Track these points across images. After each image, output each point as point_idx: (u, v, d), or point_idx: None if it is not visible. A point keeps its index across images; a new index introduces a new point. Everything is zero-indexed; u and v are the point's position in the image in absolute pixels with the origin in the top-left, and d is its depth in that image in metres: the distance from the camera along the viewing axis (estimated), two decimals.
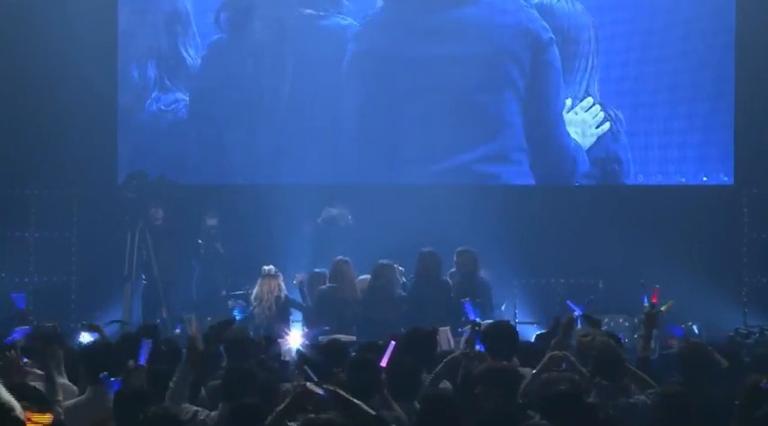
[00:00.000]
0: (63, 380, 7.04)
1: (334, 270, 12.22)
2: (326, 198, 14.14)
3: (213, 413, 6.63)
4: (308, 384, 6.05)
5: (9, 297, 11.55)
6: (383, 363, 6.81)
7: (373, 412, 5.95)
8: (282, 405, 6.04)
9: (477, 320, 8.52)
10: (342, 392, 5.99)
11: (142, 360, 6.94)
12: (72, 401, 6.66)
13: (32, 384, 6.77)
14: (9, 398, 4.67)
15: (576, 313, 8.80)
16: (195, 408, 6.61)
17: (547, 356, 7.45)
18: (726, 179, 14.29)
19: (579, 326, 8.45)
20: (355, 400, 5.96)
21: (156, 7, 14.93)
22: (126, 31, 14.83)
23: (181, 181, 14.37)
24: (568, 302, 9.44)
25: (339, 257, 12.26)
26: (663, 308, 8.26)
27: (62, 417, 6.27)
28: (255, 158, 14.83)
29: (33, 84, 14.41)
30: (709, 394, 7.00)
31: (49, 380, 6.59)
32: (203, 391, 7.34)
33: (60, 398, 6.53)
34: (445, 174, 14.40)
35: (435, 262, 12.02)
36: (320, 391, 5.98)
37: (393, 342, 7.09)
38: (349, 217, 13.78)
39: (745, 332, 12.29)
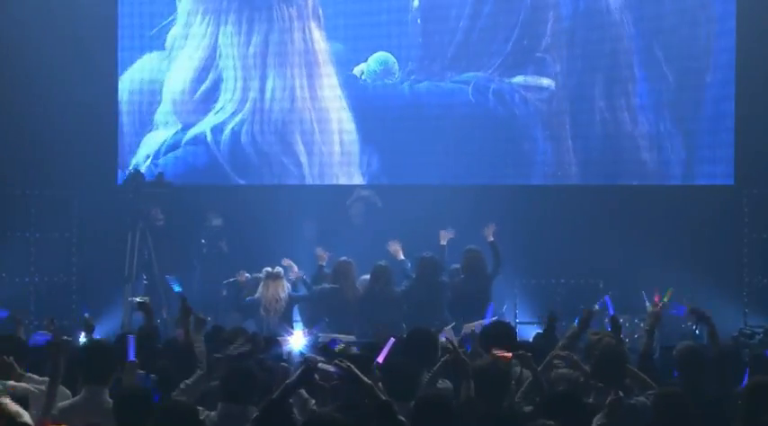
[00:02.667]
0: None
1: (336, 270, 12.25)
2: (328, 198, 14.18)
3: (213, 413, 6.63)
4: (320, 362, 6.10)
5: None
6: (380, 359, 6.81)
7: (384, 397, 5.95)
8: (292, 378, 6.07)
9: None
10: (354, 369, 5.98)
11: (131, 356, 6.99)
12: (68, 402, 6.63)
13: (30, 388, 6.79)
14: (16, 408, 4.75)
15: (610, 312, 8.88)
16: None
17: (549, 356, 7.46)
18: (726, 179, 14.28)
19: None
20: (366, 379, 5.96)
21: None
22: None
23: (180, 182, 14.40)
24: (607, 298, 9.43)
25: (343, 258, 12.30)
26: (665, 299, 8.33)
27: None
28: (256, 158, 14.82)
29: (33, 84, 14.41)
30: (708, 394, 7.00)
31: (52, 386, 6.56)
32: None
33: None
34: (448, 175, 14.48)
35: (433, 267, 12.08)
36: (331, 368, 6.00)
37: (392, 339, 7.11)
38: (379, 203, 13.93)
39: (749, 332, 12.27)
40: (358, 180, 14.60)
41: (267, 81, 14.72)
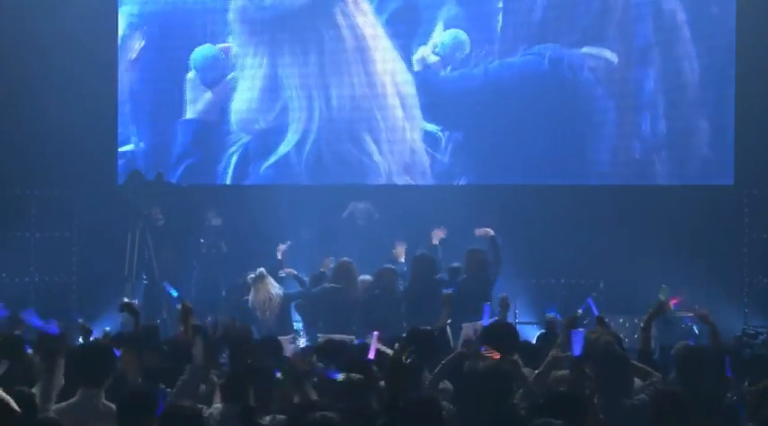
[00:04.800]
0: None
1: (338, 270, 12.23)
2: (328, 198, 14.19)
3: (215, 411, 6.64)
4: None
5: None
6: (370, 355, 6.83)
7: None
8: None
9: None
10: None
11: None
12: (63, 404, 6.60)
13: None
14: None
15: (594, 313, 8.89)
16: (200, 406, 6.60)
17: (549, 356, 7.45)
18: (726, 179, 14.28)
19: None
20: None
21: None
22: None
23: (180, 181, 14.41)
24: (589, 300, 9.43)
25: (344, 258, 12.29)
26: (661, 296, 8.35)
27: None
28: (257, 159, 14.83)
29: (33, 84, 14.43)
30: (706, 394, 7.00)
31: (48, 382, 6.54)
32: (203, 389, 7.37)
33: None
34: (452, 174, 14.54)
35: (428, 264, 12.06)
36: None
37: (376, 333, 7.14)
38: (376, 215, 13.93)
39: (752, 332, 12.27)
40: (356, 179, 14.63)
41: (331, 89, 14.67)
